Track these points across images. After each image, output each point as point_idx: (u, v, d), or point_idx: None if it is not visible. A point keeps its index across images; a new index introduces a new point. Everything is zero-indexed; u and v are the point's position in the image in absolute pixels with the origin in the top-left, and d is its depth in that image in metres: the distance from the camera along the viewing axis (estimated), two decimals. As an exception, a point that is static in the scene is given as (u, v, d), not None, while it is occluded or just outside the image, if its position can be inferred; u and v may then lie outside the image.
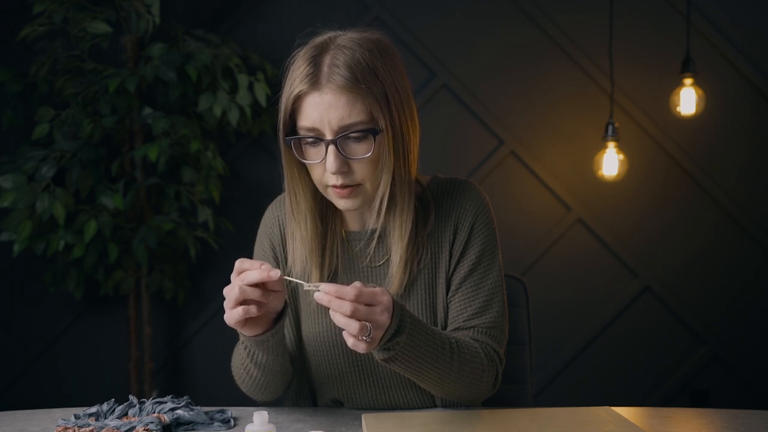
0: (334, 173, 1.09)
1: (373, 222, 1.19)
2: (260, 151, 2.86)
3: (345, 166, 1.10)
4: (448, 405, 1.25)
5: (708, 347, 2.86)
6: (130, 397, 1.17)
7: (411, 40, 2.82)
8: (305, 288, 1.01)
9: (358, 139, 1.09)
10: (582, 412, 1.12)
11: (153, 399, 1.17)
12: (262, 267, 1.01)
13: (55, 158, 2.39)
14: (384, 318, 0.98)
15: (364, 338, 0.96)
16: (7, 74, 2.46)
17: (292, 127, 1.13)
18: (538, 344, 2.77)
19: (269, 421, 1.01)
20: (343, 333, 0.98)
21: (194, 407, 1.15)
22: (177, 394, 1.30)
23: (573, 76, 2.84)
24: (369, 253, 1.23)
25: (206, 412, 1.15)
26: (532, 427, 1.05)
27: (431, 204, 1.23)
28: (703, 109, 2.62)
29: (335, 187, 1.12)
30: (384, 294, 0.99)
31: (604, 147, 2.67)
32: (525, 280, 1.53)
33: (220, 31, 2.81)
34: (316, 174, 1.13)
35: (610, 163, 2.65)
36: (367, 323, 0.96)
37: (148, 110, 2.47)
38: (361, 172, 1.11)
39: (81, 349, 2.87)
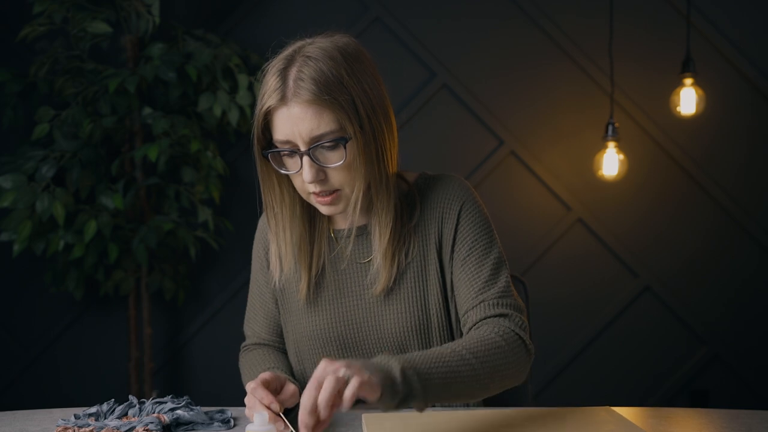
0: (310, 182, 1.12)
1: (348, 223, 1.23)
2: (260, 151, 2.85)
3: (321, 174, 1.12)
4: (447, 405, 1.25)
5: (708, 347, 2.86)
6: (130, 397, 1.17)
7: (411, 40, 2.82)
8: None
9: (330, 148, 1.11)
10: (582, 412, 1.12)
11: (153, 399, 1.17)
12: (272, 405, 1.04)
13: (55, 158, 2.39)
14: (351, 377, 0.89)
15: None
16: (7, 74, 2.46)
17: (269, 139, 1.17)
18: (538, 344, 2.77)
19: (269, 422, 1.01)
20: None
21: (194, 407, 1.15)
22: (177, 394, 1.30)
23: (573, 76, 2.84)
24: (352, 251, 1.25)
25: (206, 412, 1.14)
26: (532, 427, 1.05)
27: (416, 198, 1.25)
28: (703, 109, 2.62)
29: (315, 194, 1.15)
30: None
31: (604, 147, 2.67)
32: (525, 280, 1.53)
33: (220, 31, 2.81)
34: (296, 183, 1.16)
35: (610, 163, 2.65)
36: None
37: (148, 110, 2.47)
38: (337, 178, 1.13)
39: (81, 349, 2.87)
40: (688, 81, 2.61)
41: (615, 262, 2.87)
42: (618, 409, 1.15)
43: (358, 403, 0.89)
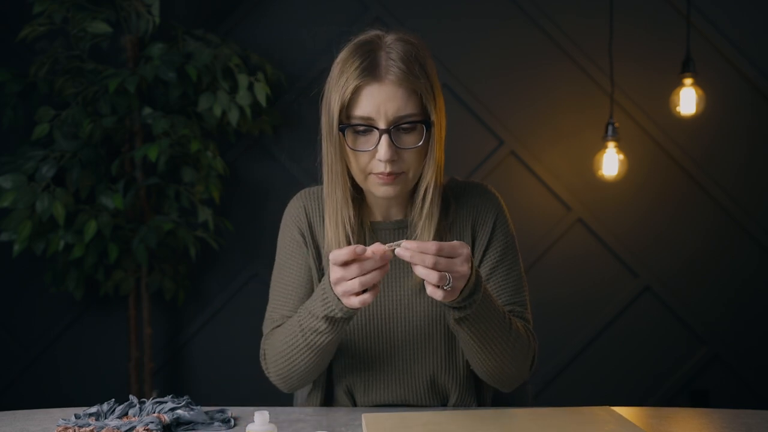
0: (385, 161, 1.14)
1: (417, 213, 1.23)
2: (260, 151, 2.86)
3: (396, 154, 1.15)
4: (454, 406, 1.25)
5: (708, 347, 2.86)
6: (131, 397, 1.17)
7: (411, 40, 2.82)
8: (388, 247, 1.05)
9: (407, 130, 1.15)
10: (582, 412, 1.12)
11: (153, 399, 1.17)
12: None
13: (55, 158, 2.39)
14: (464, 269, 1.03)
15: (444, 288, 1.02)
16: (7, 74, 2.46)
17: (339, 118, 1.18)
18: (538, 344, 2.76)
19: (270, 421, 1.01)
20: (425, 282, 1.04)
21: (194, 407, 1.15)
22: (177, 394, 1.30)
23: (573, 76, 2.84)
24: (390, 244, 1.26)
25: (206, 412, 1.15)
26: (532, 427, 1.05)
27: (450, 200, 1.29)
28: (703, 109, 2.62)
29: (380, 174, 1.16)
30: (463, 246, 1.04)
31: (604, 147, 2.67)
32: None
33: (220, 31, 2.81)
34: (361, 162, 1.17)
35: (610, 163, 2.65)
36: (447, 273, 1.01)
37: (148, 110, 2.47)
38: (408, 161, 1.17)
39: (81, 349, 2.87)
40: (688, 81, 2.61)
41: (615, 262, 2.87)
42: (618, 409, 1.15)
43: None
